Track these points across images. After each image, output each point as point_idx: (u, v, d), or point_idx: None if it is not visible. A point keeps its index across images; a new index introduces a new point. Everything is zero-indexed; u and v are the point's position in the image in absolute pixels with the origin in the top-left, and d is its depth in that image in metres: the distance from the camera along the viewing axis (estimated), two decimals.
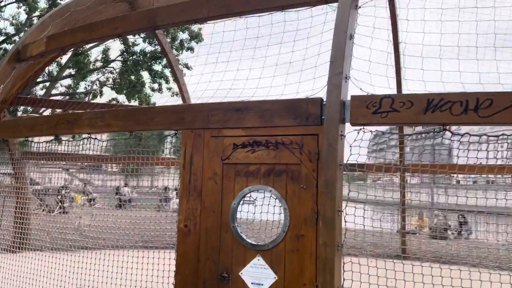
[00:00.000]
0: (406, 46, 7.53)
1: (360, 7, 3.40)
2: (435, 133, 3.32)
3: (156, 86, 19.61)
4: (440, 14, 6.13)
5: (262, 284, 2.98)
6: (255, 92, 3.47)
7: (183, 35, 18.87)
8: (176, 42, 18.55)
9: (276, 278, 2.96)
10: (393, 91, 7.02)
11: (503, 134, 3.39)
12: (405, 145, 9.50)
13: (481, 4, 5.90)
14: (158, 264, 4.78)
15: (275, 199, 3.12)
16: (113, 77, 20.23)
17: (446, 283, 3.61)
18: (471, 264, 7.74)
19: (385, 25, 6.43)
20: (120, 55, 19.95)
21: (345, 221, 2.96)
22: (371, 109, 2.91)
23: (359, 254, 7.66)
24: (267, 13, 3.86)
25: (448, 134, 2.99)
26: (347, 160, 2.98)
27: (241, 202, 3.20)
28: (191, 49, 18.79)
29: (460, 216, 11.54)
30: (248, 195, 3.46)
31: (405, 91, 7.70)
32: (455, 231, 11.36)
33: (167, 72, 18.59)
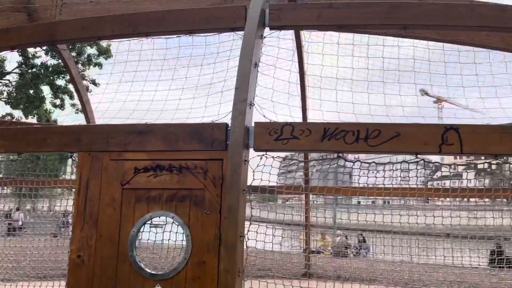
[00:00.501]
0: (309, 77, 8.06)
1: (265, 37, 3.53)
2: (331, 160, 3.53)
3: (58, 101, 18.30)
4: (337, 48, 6.64)
5: None
6: (160, 114, 3.39)
7: (91, 50, 18.00)
8: (82, 57, 17.61)
9: None
10: (298, 119, 7.39)
11: (389, 162, 3.72)
12: (310, 170, 9.97)
13: (372, 42, 6.51)
14: None
15: (177, 225, 3.04)
16: (8, 90, 18.47)
17: None
18: (369, 280, 8.28)
19: (290, 56, 6.80)
20: (17, 67, 18.33)
21: (247, 246, 2.98)
22: (273, 136, 3.00)
23: (265, 275, 7.77)
24: (175, 35, 3.84)
25: (342, 161, 3.18)
26: (251, 184, 3.02)
27: (141, 230, 3.06)
28: (99, 65, 17.95)
29: (359, 235, 12.33)
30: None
31: (310, 119, 8.15)
32: (355, 249, 12.08)
33: (71, 87, 17.50)
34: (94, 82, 17.82)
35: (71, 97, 17.98)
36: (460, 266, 8.60)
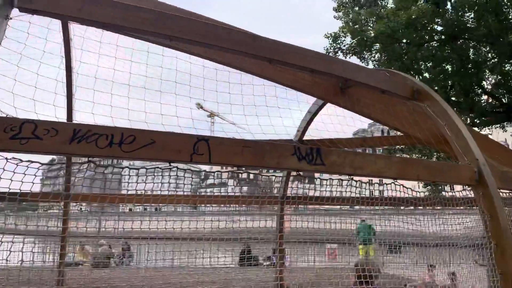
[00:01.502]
0: (80, 76, 7.43)
1: (11, 18, 3.02)
2: (81, 164, 3.27)
3: None
4: (115, 51, 6.37)
5: None
6: None
7: None
8: None
9: None
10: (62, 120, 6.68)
11: (157, 167, 3.70)
12: (76, 176, 9.16)
13: (152, 50, 6.52)
14: None
15: None
16: None
17: None
18: None
19: (58, 51, 6.11)
20: None
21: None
22: (9, 134, 2.55)
23: None
24: None
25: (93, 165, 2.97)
26: None
27: None
28: None
29: (123, 244, 12.03)
30: None
31: (77, 121, 7.49)
32: (119, 258, 11.72)
33: None
34: None
35: None
36: (214, 267, 9.38)
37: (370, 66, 19.80)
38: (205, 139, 3.04)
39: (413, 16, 16.68)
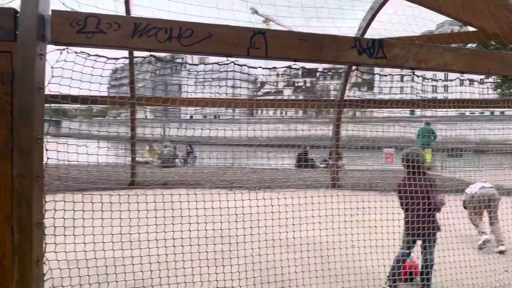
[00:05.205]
0: None
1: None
2: (144, 59, 3.38)
3: None
4: None
5: None
6: None
7: None
8: None
9: None
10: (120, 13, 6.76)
11: (201, 63, 3.73)
12: (140, 77, 9.53)
13: None
14: None
15: None
16: None
17: (174, 206, 3.97)
18: (194, 186, 8.78)
19: None
20: None
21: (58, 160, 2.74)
22: (76, 28, 2.66)
23: (89, 188, 7.50)
24: None
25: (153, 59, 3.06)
26: (47, 84, 2.68)
27: None
28: None
29: (187, 146, 12.78)
30: None
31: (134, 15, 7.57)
32: (183, 158, 12.56)
33: None
34: None
35: None
36: (272, 168, 9.81)
37: None
38: (262, 32, 2.99)
39: None
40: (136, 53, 8.23)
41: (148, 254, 3.83)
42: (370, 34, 7.75)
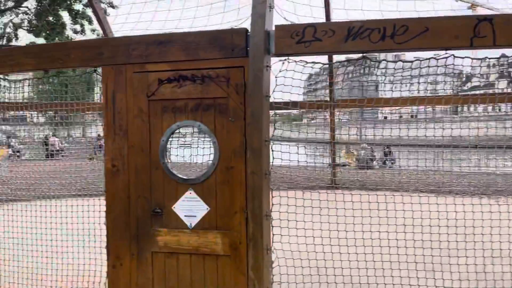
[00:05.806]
0: None
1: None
2: (356, 60, 3.43)
3: (78, 27, 18.14)
4: None
5: (195, 216, 3.04)
6: (177, 23, 3.31)
7: None
8: None
9: (209, 209, 3.03)
10: (320, 20, 7.04)
11: (416, 59, 3.56)
12: (337, 80, 9.78)
13: None
14: (93, 211, 4.70)
15: (204, 134, 3.13)
16: (29, 18, 18.34)
17: (371, 207, 3.97)
18: (393, 189, 8.46)
19: None
20: None
21: (273, 157, 3.06)
22: (295, 39, 2.91)
23: (294, 187, 8.07)
24: None
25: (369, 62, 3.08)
26: (273, 92, 3.01)
27: (170, 139, 3.17)
28: None
29: (385, 148, 12.40)
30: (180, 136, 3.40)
31: (333, 20, 7.79)
32: (380, 161, 12.24)
33: (89, 12, 17.20)
34: (111, 5, 17.43)
35: (90, 22, 17.74)
36: (486, 172, 8.64)
37: None
38: (488, 19, 2.67)
39: None
40: (335, 57, 8.48)
41: (355, 252, 3.87)
42: None
